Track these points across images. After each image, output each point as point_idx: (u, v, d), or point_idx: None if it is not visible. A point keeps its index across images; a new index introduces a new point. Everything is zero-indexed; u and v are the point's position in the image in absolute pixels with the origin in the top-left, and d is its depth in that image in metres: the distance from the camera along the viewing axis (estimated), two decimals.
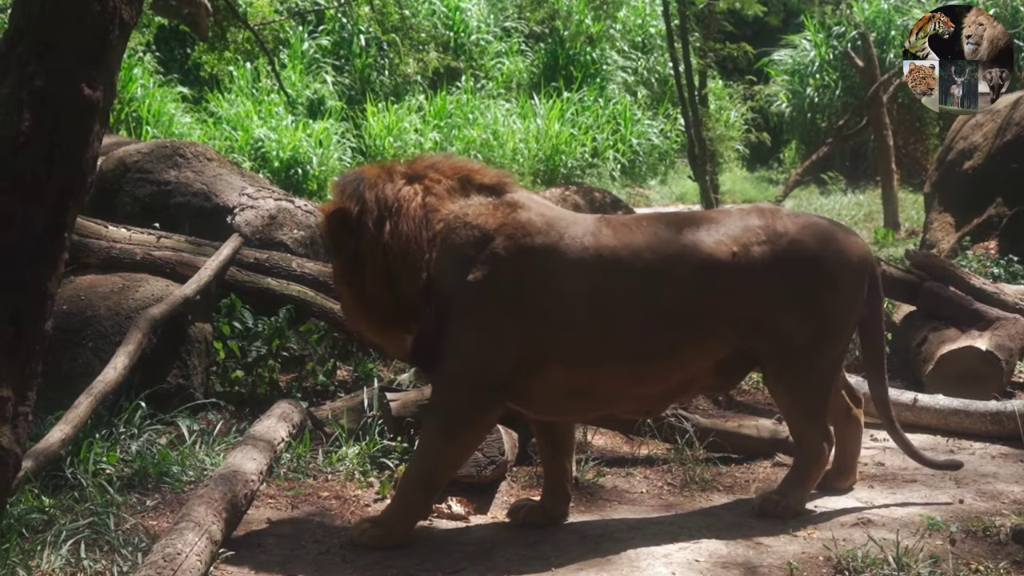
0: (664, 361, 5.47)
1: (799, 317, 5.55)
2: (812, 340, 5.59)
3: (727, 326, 5.50)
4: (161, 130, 20.45)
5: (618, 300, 5.38)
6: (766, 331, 5.53)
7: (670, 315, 5.42)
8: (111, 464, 5.98)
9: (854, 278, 5.73)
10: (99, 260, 7.56)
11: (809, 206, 18.74)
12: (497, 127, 22.24)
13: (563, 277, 5.34)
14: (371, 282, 5.42)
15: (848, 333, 5.84)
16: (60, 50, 4.09)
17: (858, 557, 4.90)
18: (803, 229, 5.65)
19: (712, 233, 5.54)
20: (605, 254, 5.37)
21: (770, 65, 25.38)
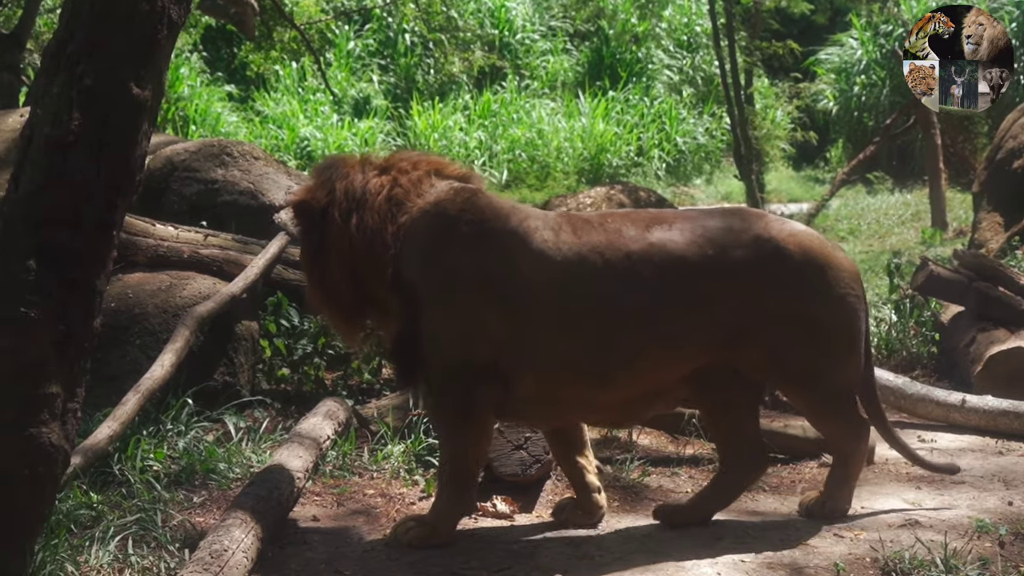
0: (626, 367, 5.26)
1: (791, 330, 5.32)
2: (811, 355, 5.36)
3: (700, 333, 5.25)
4: (208, 129, 20.57)
5: (576, 299, 5.22)
6: (752, 343, 5.29)
7: (633, 317, 5.22)
8: (158, 461, 6.02)
9: (846, 290, 5.40)
10: (147, 258, 7.59)
11: (856, 205, 18.64)
12: (542, 126, 22.23)
13: (523, 264, 5.25)
14: (334, 273, 5.44)
15: (853, 345, 5.49)
16: (109, 49, 4.12)
17: (905, 559, 4.86)
18: (790, 236, 5.37)
19: (685, 233, 5.31)
20: (563, 249, 5.24)
21: (817, 64, 25.24)
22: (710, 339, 5.27)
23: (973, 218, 13.36)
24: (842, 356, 5.46)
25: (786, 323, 5.30)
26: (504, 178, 21.36)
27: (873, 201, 19.18)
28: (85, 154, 4.09)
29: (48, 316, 4.09)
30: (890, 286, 9.08)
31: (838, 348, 5.44)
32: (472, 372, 5.23)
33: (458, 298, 5.24)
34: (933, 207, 16.75)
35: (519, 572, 4.97)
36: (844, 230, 16.59)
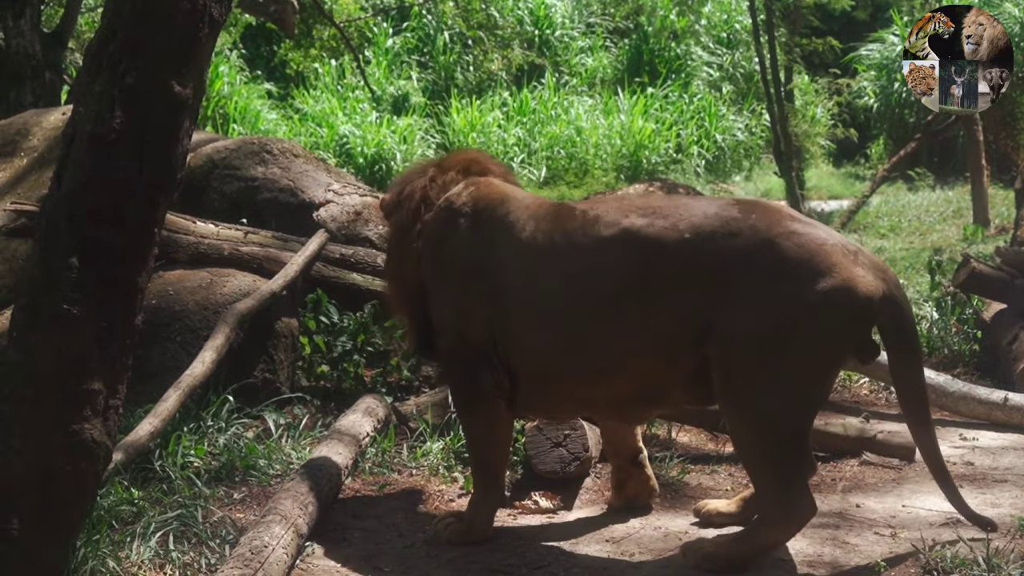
0: (600, 361, 5.06)
1: (750, 340, 4.75)
2: (760, 376, 4.75)
3: (668, 328, 4.89)
4: (247, 127, 20.65)
5: (547, 288, 5.12)
6: (716, 337, 4.81)
7: (601, 308, 5.00)
8: (199, 457, 6.05)
9: (838, 312, 4.71)
10: (187, 255, 7.63)
11: (897, 202, 18.53)
12: (580, 123, 22.20)
13: (504, 253, 5.28)
14: (392, 271, 5.82)
15: (814, 386, 4.84)
16: (151, 48, 4.15)
17: (947, 558, 4.84)
18: (790, 236, 4.80)
19: (670, 219, 4.95)
20: (538, 238, 5.19)
21: (857, 60, 25.11)
22: (680, 336, 4.88)
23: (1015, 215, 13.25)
24: (795, 392, 4.78)
25: (748, 330, 4.76)
26: (543, 175, 21.33)
27: (914, 198, 19.07)
28: (127, 152, 4.12)
29: (90, 313, 4.12)
30: (931, 283, 9.03)
31: (794, 381, 4.77)
32: (471, 358, 5.30)
33: (451, 286, 5.40)
34: (975, 204, 16.64)
35: (558, 569, 4.98)
36: (885, 227, 16.49)
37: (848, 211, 16.40)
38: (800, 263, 4.73)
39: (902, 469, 6.28)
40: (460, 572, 4.99)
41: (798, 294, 4.71)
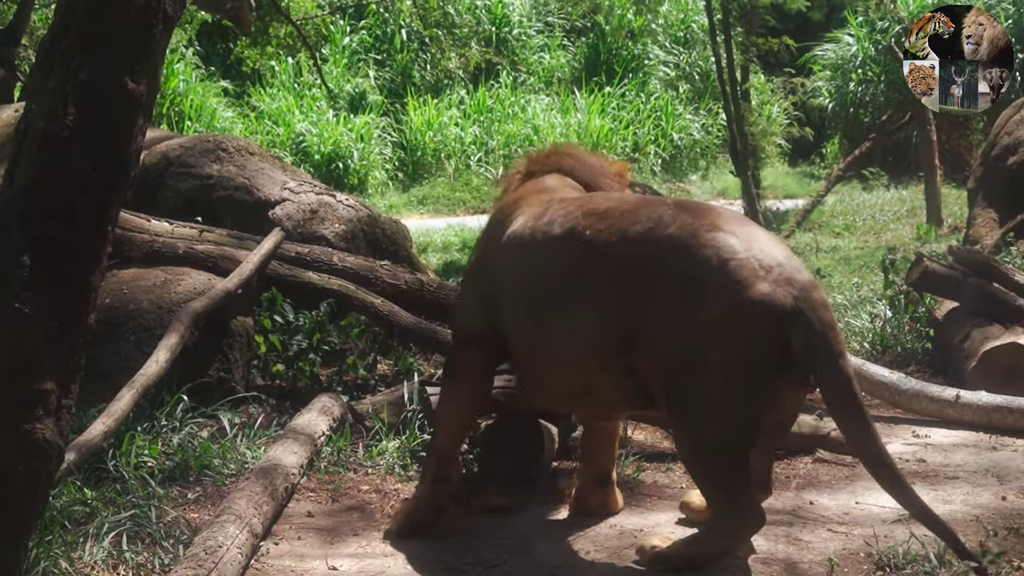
0: (551, 355, 5.13)
1: (669, 349, 4.70)
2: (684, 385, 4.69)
3: (604, 331, 4.87)
4: (203, 125, 20.56)
5: (515, 283, 5.32)
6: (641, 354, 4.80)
7: (548, 305, 5.08)
8: (153, 457, 6.02)
9: (738, 329, 4.59)
10: (142, 254, 7.60)
11: (851, 201, 18.64)
12: (537, 122, 22.22)
13: (498, 250, 5.49)
14: None
15: (738, 396, 4.64)
16: (104, 44, 4.12)
17: (899, 554, 4.87)
18: (702, 246, 4.68)
19: (604, 219, 4.98)
20: (515, 235, 5.36)
21: (813, 60, 25.24)
22: (605, 341, 4.87)
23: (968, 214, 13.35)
24: (721, 411, 4.67)
25: (663, 344, 4.72)
26: (500, 174, 21.33)
27: (869, 197, 19.18)
28: (80, 149, 4.09)
29: (42, 312, 4.08)
30: (885, 282, 9.07)
31: (717, 399, 4.65)
32: (461, 340, 5.72)
33: (468, 279, 5.90)
34: (928, 203, 16.76)
35: (514, 568, 4.99)
36: (840, 226, 16.58)
37: (803, 210, 16.47)
38: (705, 276, 4.65)
39: (855, 466, 6.30)
40: (416, 570, 4.98)
41: (699, 309, 4.64)
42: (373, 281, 7.99)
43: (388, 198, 20.08)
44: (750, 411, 4.69)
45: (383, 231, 9.49)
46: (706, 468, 4.82)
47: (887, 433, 6.92)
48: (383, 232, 9.48)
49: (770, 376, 4.65)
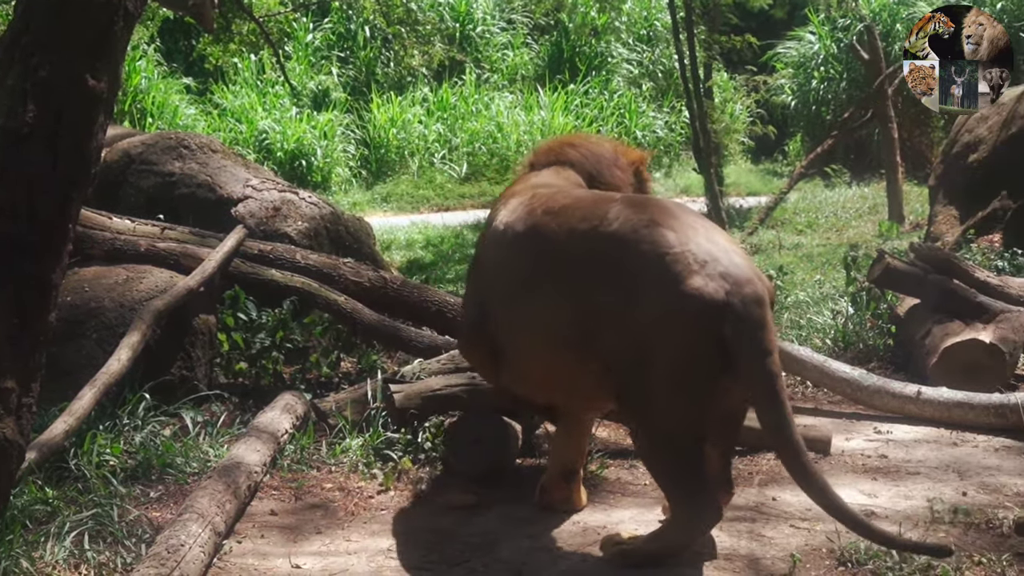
0: (521, 345, 5.27)
1: (619, 342, 4.78)
2: (634, 378, 4.77)
3: (555, 326, 4.98)
4: (165, 122, 20.48)
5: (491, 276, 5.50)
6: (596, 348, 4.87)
7: (513, 299, 5.24)
8: (115, 456, 5.99)
9: (672, 322, 4.65)
10: (103, 252, 7.56)
11: (814, 199, 18.71)
12: (501, 119, 22.23)
13: (488, 239, 5.61)
14: None
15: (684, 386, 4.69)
16: (64, 41, 4.10)
17: (861, 549, 4.90)
18: (640, 241, 4.78)
19: (559, 216, 5.11)
20: (496, 229, 5.48)
21: (775, 58, 25.34)
22: (561, 334, 4.96)
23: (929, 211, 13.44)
24: (669, 405, 4.72)
25: (610, 339, 4.80)
26: (464, 171, 21.34)
27: (831, 194, 19.26)
28: (40, 146, 4.07)
29: (2, 310, 4.06)
30: (847, 279, 9.11)
31: (663, 394, 4.72)
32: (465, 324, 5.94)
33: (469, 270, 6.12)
34: (890, 200, 16.85)
35: (477, 565, 4.99)
36: (802, 223, 16.64)
37: (766, 208, 16.52)
38: (641, 271, 4.74)
39: (817, 463, 6.34)
40: (380, 568, 4.98)
41: (637, 304, 4.71)
42: (336, 279, 7.98)
43: (352, 195, 20.04)
44: (695, 404, 4.73)
45: (346, 228, 9.48)
46: (660, 462, 4.91)
47: (849, 429, 6.97)
48: (346, 229, 9.47)
49: (711, 370, 4.69)
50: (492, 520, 5.57)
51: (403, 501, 5.86)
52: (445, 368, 6.78)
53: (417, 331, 7.84)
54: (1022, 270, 9.95)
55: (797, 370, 7.68)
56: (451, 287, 11.00)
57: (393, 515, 5.66)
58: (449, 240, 15.89)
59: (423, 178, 21.07)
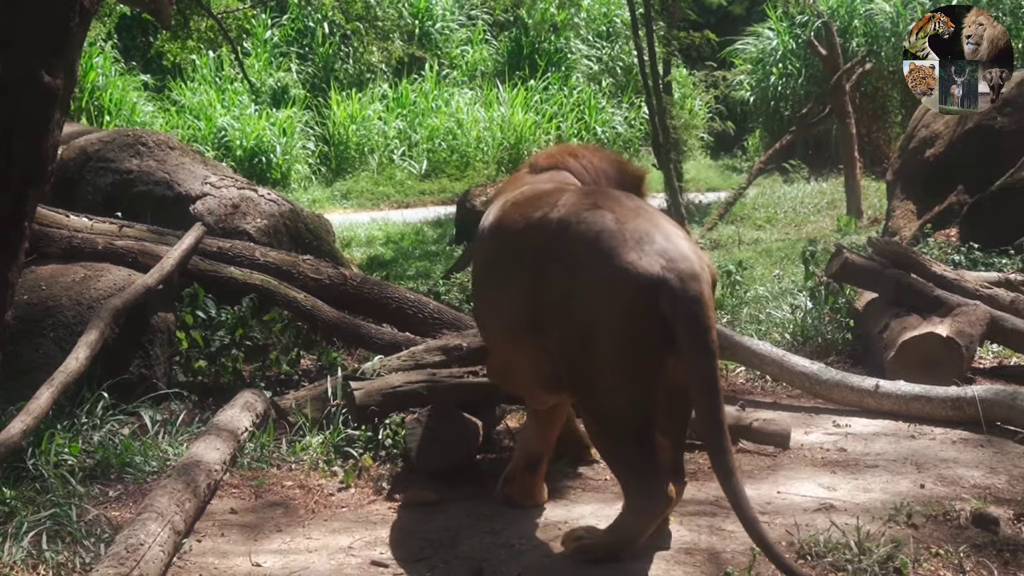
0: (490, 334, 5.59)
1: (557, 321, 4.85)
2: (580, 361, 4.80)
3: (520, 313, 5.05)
4: (123, 119, 20.38)
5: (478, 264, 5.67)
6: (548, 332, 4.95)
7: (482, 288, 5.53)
8: (73, 455, 5.96)
9: (608, 299, 4.69)
10: (60, 250, 7.51)
11: (773, 194, 18.80)
12: (461, 116, 22.24)
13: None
14: None
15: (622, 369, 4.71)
16: (20, 38, 4.08)
17: (820, 542, 4.93)
18: (579, 224, 4.86)
19: (519, 206, 5.26)
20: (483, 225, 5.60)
21: (734, 54, 25.44)
22: (522, 320, 5.03)
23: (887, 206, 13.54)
24: (610, 384, 4.76)
25: (554, 321, 4.87)
26: (424, 168, 21.33)
27: (790, 190, 19.36)
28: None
29: None
30: (806, 273, 9.16)
31: (605, 372, 4.75)
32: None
33: None
34: (848, 195, 16.96)
35: (438, 561, 4.98)
36: (761, 219, 16.73)
37: (726, 203, 16.59)
38: (580, 251, 4.80)
39: (777, 456, 6.37)
40: (341, 565, 4.97)
41: (576, 283, 4.78)
42: (296, 276, 7.96)
43: (311, 192, 20.00)
44: (637, 384, 4.74)
45: (306, 226, 9.46)
46: (609, 446, 4.96)
47: (808, 423, 7.00)
48: (306, 227, 9.45)
49: (651, 347, 4.70)
50: (453, 516, 5.56)
51: (364, 498, 5.85)
52: (405, 365, 6.78)
53: (377, 328, 7.83)
54: (978, 264, 10.04)
55: (756, 364, 7.71)
56: (411, 284, 11.00)
57: (353, 512, 5.66)
58: (409, 237, 15.89)
59: (383, 175, 21.05)
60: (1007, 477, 5.91)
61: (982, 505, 5.39)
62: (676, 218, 7.97)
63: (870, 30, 23.16)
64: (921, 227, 11.71)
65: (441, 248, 15.05)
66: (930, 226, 11.68)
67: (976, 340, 7.77)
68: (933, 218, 11.83)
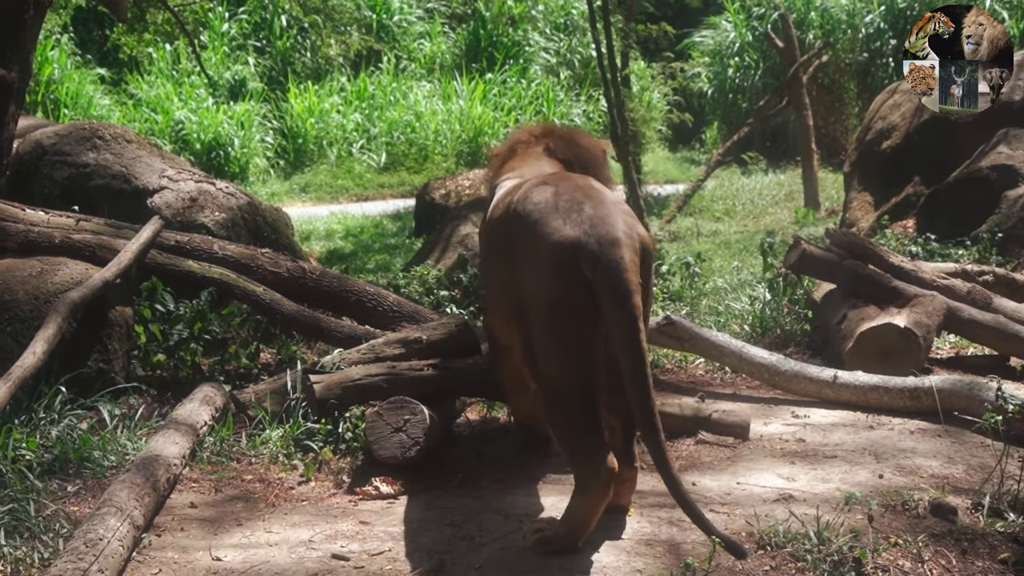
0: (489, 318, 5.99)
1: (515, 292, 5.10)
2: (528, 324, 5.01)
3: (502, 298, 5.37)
4: (79, 112, 20.27)
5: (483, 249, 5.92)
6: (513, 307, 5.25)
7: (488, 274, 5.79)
8: (31, 450, 5.92)
9: (537, 264, 4.90)
10: (16, 244, 7.46)
11: (731, 186, 18.89)
12: (419, 109, 22.23)
13: None
14: None
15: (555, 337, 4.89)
16: None
17: (779, 532, 4.95)
18: (524, 200, 5.13)
19: (510, 193, 5.47)
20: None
21: (691, 46, 25.52)
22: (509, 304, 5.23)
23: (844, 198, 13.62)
24: (544, 341, 4.96)
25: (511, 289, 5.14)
26: (383, 160, 21.29)
27: (748, 182, 19.45)
28: None
29: None
30: (764, 265, 9.20)
31: (538, 330, 4.96)
32: None
33: None
34: (806, 187, 17.05)
35: (399, 554, 4.98)
36: (720, 211, 16.79)
37: (684, 195, 16.66)
38: (521, 224, 5.05)
39: (736, 447, 6.40)
40: (301, 559, 4.96)
41: (516, 252, 5.07)
42: (254, 269, 7.93)
43: (270, 186, 19.94)
44: (570, 348, 4.89)
45: (264, 219, 9.43)
46: (553, 418, 5.08)
47: (767, 414, 7.04)
48: (264, 220, 9.42)
49: (579, 313, 4.84)
50: (414, 509, 5.56)
51: (324, 492, 5.84)
52: (365, 358, 6.77)
53: (337, 321, 7.82)
54: (935, 255, 10.11)
55: (716, 356, 7.75)
56: (371, 277, 10.99)
57: (314, 506, 5.65)
58: (369, 230, 15.86)
59: (342, 168, 21.01)
60: (964, 467, 5.96)
61: (940, 495, 5.43)
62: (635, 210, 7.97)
63: (826, 22, 23.31)
64: (878, 218, 11.79)
65: (400, 241, 15.04)
66: (887, 217, 11.76)
67: (933, 330, 7.84)
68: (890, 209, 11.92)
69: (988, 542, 4.95)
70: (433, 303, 8.97)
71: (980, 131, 11.55)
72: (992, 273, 9.03)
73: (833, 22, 23.09)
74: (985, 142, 11.42)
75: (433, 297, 9.15)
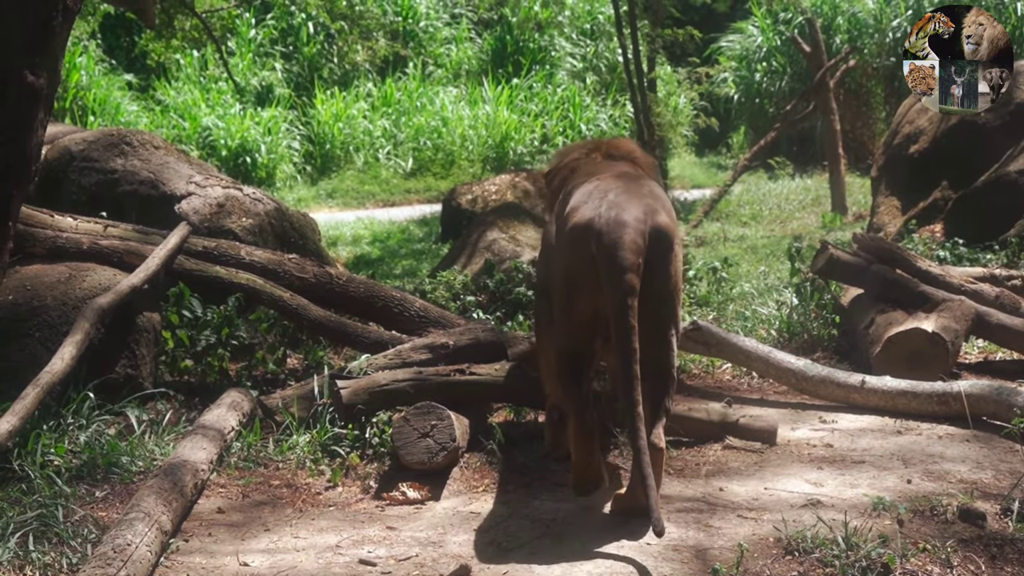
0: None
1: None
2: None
3: None
4: (107, 119, 20.34)
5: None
6: None
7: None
8: (59, 455, 5.94)
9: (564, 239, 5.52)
10: (45, 250, 7.49)
11: (758, 191, 18.83)
12: (446, 114, 22.24)
13: None
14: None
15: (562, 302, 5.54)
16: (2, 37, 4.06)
17: (807, 538, 4.93)
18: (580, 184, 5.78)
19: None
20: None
21: (718, 51, 25.47)
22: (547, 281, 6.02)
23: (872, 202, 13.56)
24: (556, 309, 5.63)
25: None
26: (410, 166, 21.32)
27: (775, 186, 19.39)
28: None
29: None
30: (791, 270, 9.17)
31: (555, 297, 5.65)
32: None
33: None
34: (833, 192, 16.99)
35: (426, 559, 4.98)
36: (746, 215, 16.75)
37: (711, 200, 16.62)
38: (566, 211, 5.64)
39: (764, 453, 6.38)
40: (328, 564, 4.96)
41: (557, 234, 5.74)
42: (281, 275, 7.94)
43: (296, 191, 19.98)
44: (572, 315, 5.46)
45: (291, 224, 9.45)
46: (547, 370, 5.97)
47: (794, 419, 7.01)
48: (291, 225, 9.44)
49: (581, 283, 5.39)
50: (440, 514, 5.57)
51: (351, 497, 5.85)
52: (392, 363, 6.78)
53: (363, 326, 7.83)
54: (963, 259, 10.06)
55: (743, 361, 7.72)
56: (397, 282, 11.00)
57: (341, 511, 5.65)
58: (395, 235, 15.88)
59: (368, 173, 21.04)
60: (993, 472, 5.93)
61: (969, 500, 5.40)
62: None
63: (853, 27, 23.24)
64: (906, 223, 11.73)
65: (427, 246, 15.05)
66: (915, 222, 11.70)
67: (961, 335, 7.80)
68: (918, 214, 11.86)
69: (1017, 547, 4.93)
70: (460, 308, 8.97)
71: (1008, 135, 11.48)
72: (1021, 277, 8.97)
73: (860, 26, 23.02)
74: (1013, 146, 11.35)
75: (460, 302, 9.15)
